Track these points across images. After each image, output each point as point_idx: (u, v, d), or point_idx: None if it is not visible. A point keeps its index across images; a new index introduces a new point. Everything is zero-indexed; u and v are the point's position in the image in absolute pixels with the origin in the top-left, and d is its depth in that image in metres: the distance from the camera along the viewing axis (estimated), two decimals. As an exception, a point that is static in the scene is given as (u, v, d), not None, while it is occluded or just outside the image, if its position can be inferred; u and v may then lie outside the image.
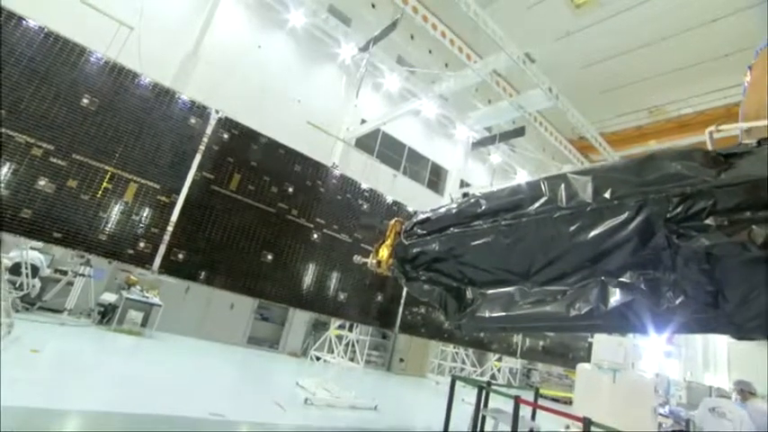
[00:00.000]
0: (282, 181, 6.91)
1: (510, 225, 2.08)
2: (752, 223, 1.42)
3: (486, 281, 2.24)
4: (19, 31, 5.06)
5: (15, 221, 4.81)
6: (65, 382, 5.44)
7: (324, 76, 15.73)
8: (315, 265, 7.19)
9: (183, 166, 5.93)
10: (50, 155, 5.08)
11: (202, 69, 12.40)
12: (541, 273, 2.04)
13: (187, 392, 6.38)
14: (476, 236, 2.21)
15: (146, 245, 5.57)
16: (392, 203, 8.72)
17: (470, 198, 2.38)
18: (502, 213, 2.14)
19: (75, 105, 5.28)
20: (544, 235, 1.98)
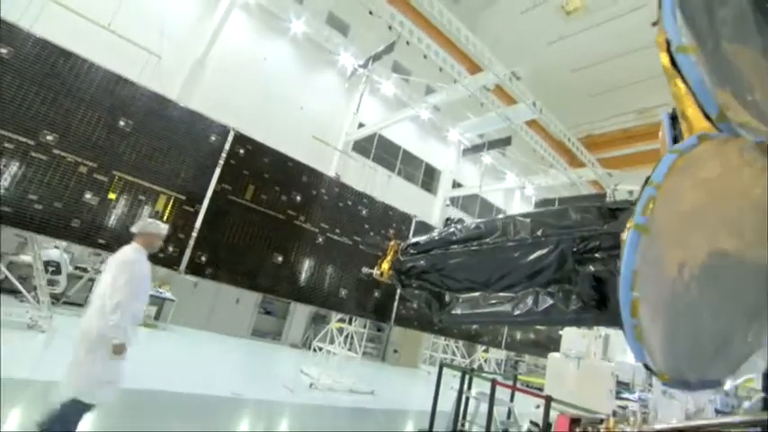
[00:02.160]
0: (291, 190, 7.70)
1: (476, 249, 2.91)
2: (619, 258, 2.26)
3: (459, 288, 3.08)
4: (69, 64, 5.80)
5: (68, 230, 5.58)
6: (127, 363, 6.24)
7: (323, 82, 16.45)
8: (319, 264, 8.00)
9: (205, 179, 6.70)
10: (94, 172, 5.83)
11: (210, 77, 13.09)
12: (497, 284, 2.86)
13: (209, 376, 7.20)
14: (452, 256, 3.04)
15: (174, 249, 6.35)
16: (387, 208, 9.53)
17: (449, 227, 3.21)
18: (470, 241, 2.96)
19: (113, 127, 6.02)
20: (499, 258, 2.80)
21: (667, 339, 1.24)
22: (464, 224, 3.16)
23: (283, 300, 8.61)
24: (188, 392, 5.71)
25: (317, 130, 15.20)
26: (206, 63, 13.02)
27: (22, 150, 5.39)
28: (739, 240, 1.35)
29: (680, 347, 1.28)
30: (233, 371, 8.31)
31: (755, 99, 1.54)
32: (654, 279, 1.21)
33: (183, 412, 5.26)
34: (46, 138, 5.55)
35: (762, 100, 1.56)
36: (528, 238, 2.69)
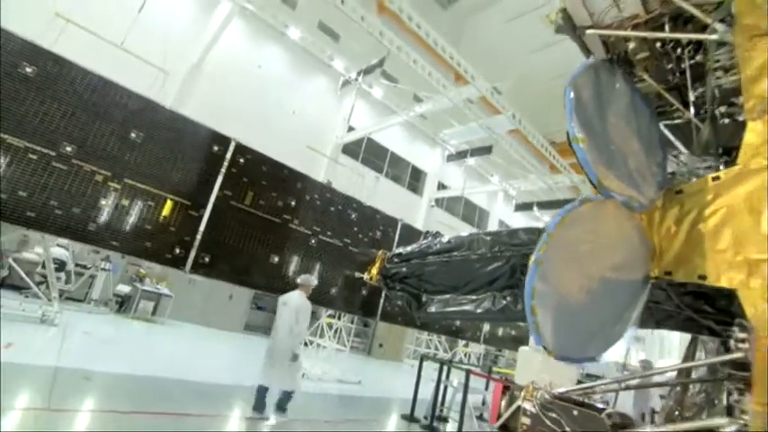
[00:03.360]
0: (286, 196, 8.31)
1: (447, 260, 3.61)
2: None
3: (433, 291, 3.78)
4: (86, 81, 6.32)
5: (85, 233, 6.12)
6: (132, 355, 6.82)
7: (316, 87, 17.01)
8: (312, 264, 8.64)
9: (208, 186, 7.27)
10: (108, 180, 6.37)
11: (206, 81, 13.55)
12: (463, 288, 3.57)
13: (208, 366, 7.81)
14: (428, 265, 3.74)
15: (180, 250, 6.92)
16: (374, 212, 10.20)
17: (427, 241, 3.91)
18: (443, 253, 3.67)
19: (126, 139, 6.55)
20: (465, 267, 3.51)
21: (555, 331, 1.95)
22: (438, 239, 3.88)
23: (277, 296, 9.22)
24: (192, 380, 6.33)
25: (309, 133, 15.77)
26: (202, 68, 13.47)
27: (44, 161, 5.92)
28: (603, 266, 2.07)
29: (563, 336, 1.99)
30: (229, 361, 8.93)
31: (626, 170, 2.26)
32: (545, 292, 1.91)
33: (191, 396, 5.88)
34: (66, 149, 6.07)
35: (630, 170, 2.29)
36: (487, 252, 3.40)
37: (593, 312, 2.09)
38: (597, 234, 2.11)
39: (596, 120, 2.26)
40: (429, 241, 3.99)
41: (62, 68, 6.30)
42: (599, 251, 2.11)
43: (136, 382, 5.71)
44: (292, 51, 16.11)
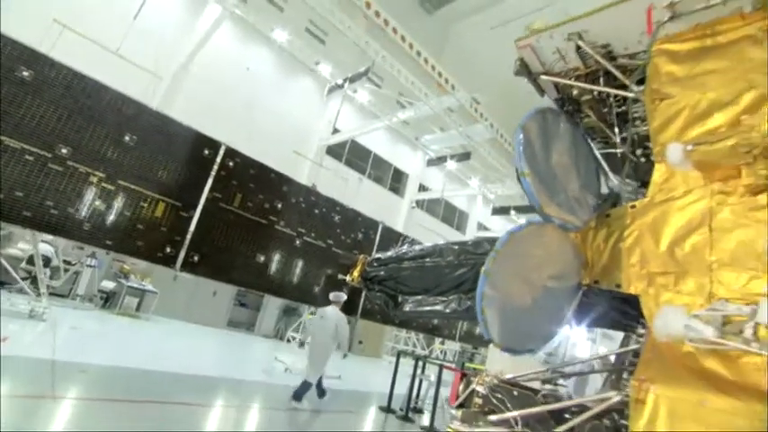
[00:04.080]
0: (273, 198, 8.65)
1: (420, 265, 4.09)
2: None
3: (408, 292, 4.25)
4: (81, 85, 6.55)
5: (80, 232, 6.36)
6: (122, 349, 7.07)
7: (301, 89, 17.28)
8: (296, 264, 9.01)
9: (198, 188, 7.56)
10: (102, 181, 6.62)
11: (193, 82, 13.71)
12: (434, 290, 4.04)
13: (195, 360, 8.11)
14: (404, 269, 4.21)
15: (170, 249, 7.20)
16: (357, 215, 10.62)
17: (404, 247, 4.38)
18: (417, 259, 4.14)
19: (120, 142, 6.81)
20: (436, 272, 3.98)
21: (501, 328, 2.43)
22: (413, 246, 4.35)
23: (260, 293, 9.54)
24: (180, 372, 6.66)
25: (294, 134, 16.07)
26: (190, 68, 13.62)
27: (41, 162, 6.14)
28: (543, 276, 2.57)
29: (508, 332, 2.47)
30: (215, 356, 9.23)
31: (564, 198, 2.76)
32: (493, 297, 2.39)
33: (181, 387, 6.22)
34: (61, 151, 6.30)
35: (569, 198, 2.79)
36: (455, 260, 3.88)
37: (533, 313, 2.59)
38: (538, 250, 2.60)
39: (541, 156, 2.75)
40: (405, 248, 4.46)
41: (58, 72, 6.52)
42: (539, 264, 2.61)
43: (129, 374, 6.02)
44: (279, 53, 16.36)
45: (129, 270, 12.42)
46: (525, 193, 2.60)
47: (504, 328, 2.45)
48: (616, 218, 2.81)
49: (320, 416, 6.97)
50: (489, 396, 2.60)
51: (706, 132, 2.28)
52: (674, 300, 2.28)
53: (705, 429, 1.75)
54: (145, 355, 7.45)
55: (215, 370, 7.65)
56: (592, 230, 2.91)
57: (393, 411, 8.00)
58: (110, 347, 7.33)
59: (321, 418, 6.82)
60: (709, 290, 2.15)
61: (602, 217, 2.91)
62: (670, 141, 2.43)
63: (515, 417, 2.37)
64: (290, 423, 6.09)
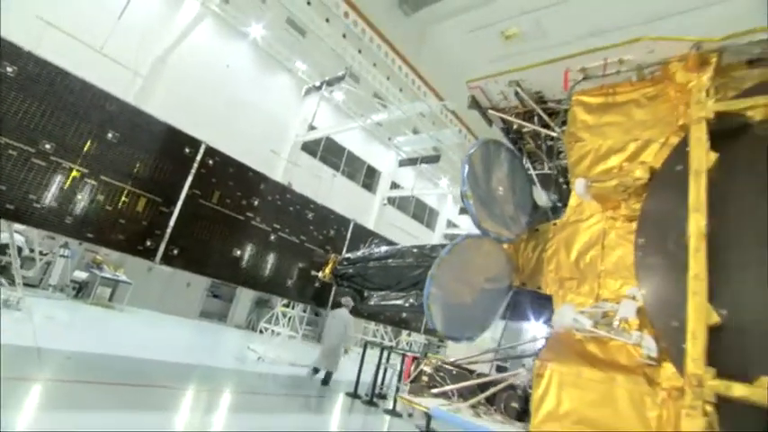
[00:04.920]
0: (250, 196, 9.02)
1: (384, 265, 4.66)
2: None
3: (373, 288, 4.82)
4: (65, 82, 6.73)
5: (62, 225, 6.59)
6: (100, 338, 7.31)
7: (278, 85, 17.49)
8: (271, 258, 9.43)
9: (179, 185, 7.85)
10: (85, 177, 6.84)
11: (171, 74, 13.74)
12: (395, 287, 4.63)
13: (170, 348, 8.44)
14: (370, 268, 4.78)
15: (151, 243, 7.49)
16: (329, 212, 11.11)
17: (371, 250, 4.95)
18: (382, 259, 4.72)
19: (103, 139, 7.03)
20: (397, 271, 4.56)
21: (443, 320, 3.02)
22: (379, 248, 4.92)
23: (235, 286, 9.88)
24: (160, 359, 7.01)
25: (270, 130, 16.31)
26: (168, 61, 13.65)
27: (24, 157, 6.33)
28: (480, 279, 3.18)
29: (449, 323, 3.07)
30: (190, 345, 9.56)
31: (500, 216, 3.38)
32: (437, 295, 2.98)
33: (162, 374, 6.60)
34: (45, 146, 6.50)
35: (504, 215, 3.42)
36: (414, 262, 4.47)
37: (471, 308, 3.21)
38: (476, 258, 3.21)
39: (483, 181, 3.36)
40: (372, 249, 5.03)
41: (42, 69, 6.67)
42: (477, 269, 3.22)
43: (111, 361, 6.34)
44: (257, 48, 16.49)
45: (101, 260, 12.46)
46: (468, 211, 3.21)
47: (446, 320, 3.05)
48: (542, 232, 3.46)
49: (292, 399, 7.48)
50: (434, 374, 3.21)
51: (602, 172, 2.93)
52: (574, 299, 2.94)
53: (579, 391, 2.40)
54: (123, 344, 7.74)
55: (191, 358, 8.02)
56: (523, 242, 3.55)
57: (359, 397, 8.59)
58: (88, 336, 7.59)
59: (292, 402, 7.33)
60: (597, 292, 2.82)
61: (532, 231, 3.55)
62: (579, 176, 3.09)
63: (452, 389, 2.98)
64: (262, 406, 6.58)
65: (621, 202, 2.78)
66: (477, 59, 23.80)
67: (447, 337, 3.09)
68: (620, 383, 2.33)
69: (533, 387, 2.59)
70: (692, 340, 1.96)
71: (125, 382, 5.44)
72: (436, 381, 3.17)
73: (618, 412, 2.28)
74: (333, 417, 7.03)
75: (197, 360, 7.87)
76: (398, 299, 4.67)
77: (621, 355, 2.48)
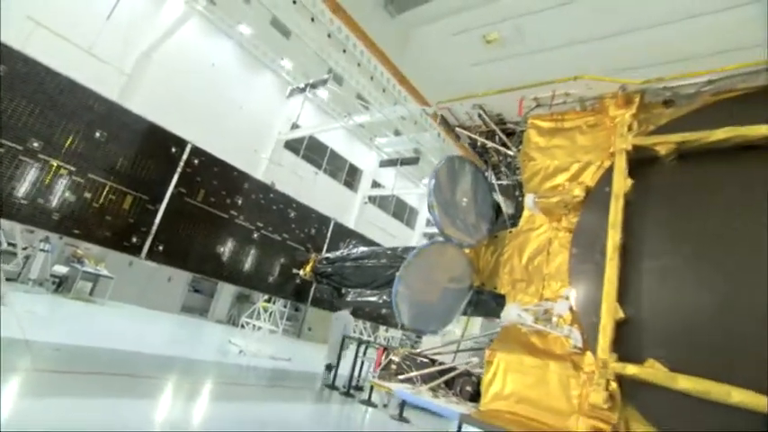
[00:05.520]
0: (234, 194, 9.27)
1: (360, 265, 5.05)
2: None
3: (350, 285, 5.21)
4: (54, 81, 6.85)
5: (50, 221, 6.73)
6: (81, 330, 7.46)
7: (262, 83, 17.62)
8: (254, 255, 9.69)
9: (165, 183, 8.04)
10: (73, 174, 6.99)
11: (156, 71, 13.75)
12: (370, 285, 5.01)
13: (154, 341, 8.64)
14: (348, 267, 5.15)
15: (137, 239, 7.68)
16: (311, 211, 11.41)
17: (349, 250, 5.33)
18: (358, 259, 5.10)
19: (90, 138, 7.18)
20: (372, 271, 4.95)
21: (410, 315, 3.43)
22: (356, 249, 5.31)
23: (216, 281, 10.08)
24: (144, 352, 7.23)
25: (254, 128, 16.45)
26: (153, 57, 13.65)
27: (11, 155, 6.45)
28: (443, 279, 3.60)
29: (415, 318, 3.48)
30: (172, 339, 9.74)
31: (463, 224, 3.80)
32: (404, 293, 3.38)
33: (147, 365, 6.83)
34: (33, 144, 6.63)
35: (467, 223, 3.83)
36: (387, 262, 4.87)
37: (435, 305, 3.62)
38: (440, 261, 3.62)
39: (448, 193, 3.77)
40: (350, 249, 5.41)
41: (31, 68, 6.77)
42: (441, 271, 3.63)
43: (98, 352, 6.55)
44: (241, 46, 16.58)
45: (82, 255, 12.45)
46: (433, 220, 3.62)
47: (412, 315, 3.46)
48: (500, 239, 3.89)
49: (272, 390, 7.81)
50: (401, 363, 3.61)
51: (549, 188, 3.38)
52: (523, 298, 3.38)
53: (521, 375, 2.84)
54: (107, 337, 7.92)
55: (174, 350, 8.24)
56: (484, 247, 3.98)
57: (337, 388, 8.96)
58: (73, 329, 7.73)
59: (272, 393, 7.66)
60: (541, 292, 3.26)
61: (491, 237, 3.98)
62: (531, 191, 3.53)
63: (416, 375, 3.39)
64: (243, 396, 6.88)
65: (563, 215, 3.22)
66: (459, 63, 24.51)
67: (413, 330, 3.50)
68: (552, 369, 2.78)
69: (484, 373, 3.03)
70: (602, 332, 2.41)
71: (113, 372, 5.68)
72: (403, 369, 3.58)
73: (549, 392, 2.72)
74: (311, 407, 7.38)
75: (180, 353, 8.10)
76: (373, 296, 5.08)
77: (556, 346, 2.93)
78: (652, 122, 3.06)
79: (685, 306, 2.35)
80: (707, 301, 2.30)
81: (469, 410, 2.88)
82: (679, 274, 2.44)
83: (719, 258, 2.37)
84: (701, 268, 2.39)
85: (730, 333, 2.18)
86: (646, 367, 2.24)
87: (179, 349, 8.62)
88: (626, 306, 2.49)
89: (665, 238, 2.57)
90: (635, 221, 2.70)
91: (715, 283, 2.31)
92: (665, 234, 2.59)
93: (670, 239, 2.55)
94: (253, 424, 5.27)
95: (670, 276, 2.46)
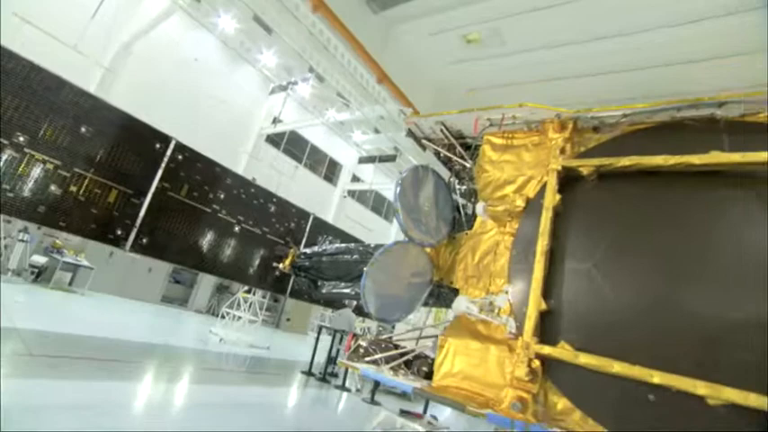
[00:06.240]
0: (217, 189, 9.53)
1: (335, 260, 5.50)
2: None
3: (326, 278, 5.65)
4: (39, 77, 6.98)
5: (35, 213, 6.90)
6: (65, 319, 7.66)
7: (243, 77, 17.69)
8: (236, 247, 10.00)
9: (149, 178, 8.26)
10: (58, 168, 7.15)
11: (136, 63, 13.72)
12: (344, 278, 5.47)
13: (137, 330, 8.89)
14: (323, 262, 5.59)
15: (121, 232, 7.90)
16: (290, 206, 11.76)
17: (325, 246, 5.76)
18: (333, 255, 5.55)
19: (76, 133, 7.34)
20: (346, 265, 5.41)
21: (375, 305, 3.89)
22: (332, 245, 5.74)
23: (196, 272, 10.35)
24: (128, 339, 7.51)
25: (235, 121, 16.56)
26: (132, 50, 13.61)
27: None
28: (406, 274, 4.08)
29: (380, 308, 3.95)
30: (154, 327, 9.98)
31: (424, 225, 4.28)
32: (371, 287, 3.85)
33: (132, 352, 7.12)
34: (18, 139, 6.76)
35: (428, 226, 4.32)
36: (360, 257, 5.31)
37: (399, 297, 4.10)
38: (404, 259, 4.10)
39: (411, 198, 4.23)
40: (326, 245, 5.84)
41: (16, 65, 6.87)
42: (404, 267, 4.11)
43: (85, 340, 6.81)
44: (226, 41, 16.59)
45: (61, 245, 12.46)
46: (398, 222, 4.08)
47: (378, 306, 3.93)
48: (458, 240, 4.38)
49: (253, 376, 8.20)
50: (368, 347, 4.08)
51: (498, 198, 3.88)
52: (473, 292, 3.88)
53: (467, 357, 3.35)
54: (91, 325, 8.14)
55: (156, 338, 8.52)
56: (443, 246, 4.47)
57: (313, 375, 9.42)
58: (57, 318, 7.92)
59: (252, 378, 8.05)
60: (488, 287, 3.77)
61: (451, 238, 4.48)
62: (483, 199, 4.03)
63: (380, 358, 3.88)
64: (224, 380, 7.26)
65: (507, 222, 3.74)
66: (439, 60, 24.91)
67: (379, 319, 3.96)
68: (492, 352, 3.29)
69: (437, 355, 3.53)
70: (528, 320, 2.94)
71: (103, 357, 5.98)
72: (369, 352, 4.05)
73: (489, 370, 3.24)
74: (289, 390, 7.81)
75: (163, 341, 8.39)
76: (347, 288, 5.53)
77: (497, 333, 3.45)
78: (583, 145, 3.58)
79: (591, 299, 2.89)
80: (608, 294, 2.84)
81: (423, 386, 3.38)
82: (590, 273, 2.98)
83: (621, 261, 2.92)
84: (606, 269, 2.94)
85: (622, 320, 2.73)
86: (558, 348, 2.78)
87: (162, 337, 8.89)
88: (548, 299, 3.02)
89: (582, 244, 3.11)
90: (560, 230, 3.23)
91: (615, 281, 2.86)
92: (583, 241, 3.12)
93: (585, 246, 3.09)
94: (234, 404, 5.67)
95: (583, 275, 3.00)
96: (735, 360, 2.39)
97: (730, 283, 2.57)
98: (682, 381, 2.35)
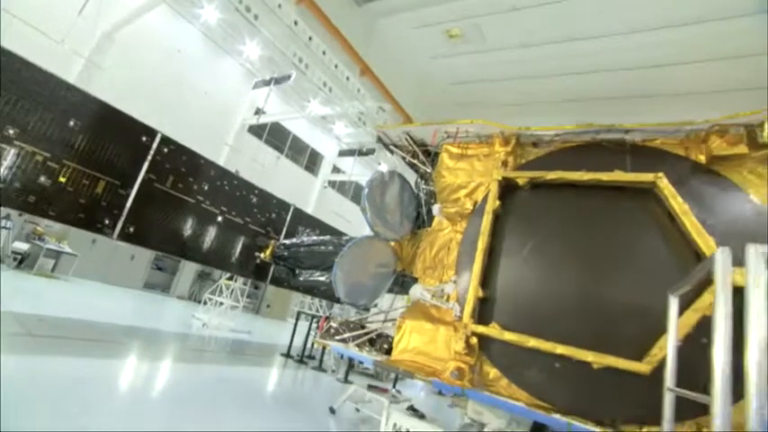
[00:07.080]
0: (201, 181, 9.85)
1: (312, 251, 6.02)
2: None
3: (304, 267, 6.17)
4: (29, 72, 7.16)
5: (25, 203, 7.14)
6: (53, 303, 7.94)
7: (226, 68, 17.74)
8: (219, 236, 10.36)
9: (136, 170, 8.53)
10: (48, 160, 7.38)
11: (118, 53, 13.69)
12: (320, 267, 5.97)
13: (122, 314, 9.23)
14: (302, 252, 6.11)
15: (109, 221, 8.19)
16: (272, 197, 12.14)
17: (303, 238, 6.27)
18: (311, 246, 6.07)
19: (65, 126, 7.56)
20: (322, 256, 5.93)
21: (345, 291, 4.44)
22: (309, 237, 6.25)
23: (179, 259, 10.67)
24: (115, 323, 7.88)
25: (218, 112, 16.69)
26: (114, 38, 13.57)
27: (-10, 140, 6.79)
28: (372, 265, 4.64)
29: (349, 293, 4.50)
30: (138, 312, 10.31)
31: (390, 222, 4.84)
32: (340, 276, 4.39)
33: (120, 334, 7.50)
34: (8, 132, 6.97)
35: (393, 222, 4.87)
36: (334, 249, 5.81)
37: (365, 284, 4.66)
38: (370, 251, 4.65)
39: (378, 198, 4.77)
40: (303, 237, 6.35)
41: (7, 61, 7.02)
42: (371, 258, 4.66)
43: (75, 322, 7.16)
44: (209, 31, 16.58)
45: (42, 232, 12.54)
46: (365, 220, 4.62)
47: (347, 292, 4.48)
48: (419, 235, 4.95)
49: (235, 357, 8.69)
50: (339, 327, 4.64)
51: (452, 201, 4.45)
52: (429, 282, 4.47)
53: (420, 336, 3.94)
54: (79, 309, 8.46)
55: (141, 322, 8.89)
56: (406, 241, 5.04)
57: (292, 357, 9.95)
58: (44, 302, 8.19)
59: (233, 359, 8.53)
60: (442, 278, 4.36)
61: (413, 234, 5.05)
62: (440, 201, 4.60)
63: (349, 336, 4.44)
64: (207, 360, 7.73)
65: (458, 221, 4.32)
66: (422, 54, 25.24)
67: (348, 304, 4.51)
68: (441, 331, 3.89)
69: (395, 334, 4.11)
70: (467, 305, 3.53)
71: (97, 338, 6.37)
72: (339, 331, 4.61)
73: (437, 347, 3.84)
74: (269, 370, 8.33)
75: (148, 325, 8.77)
76: (321, 276, 6.05)
77: (447, 316, 4.05)
78: (524, 157, 4.18)
79: (518, 287, 3.51)
80: (531, 284, 3.46)
81: (382, 359, 3.97)
82: (518, 267, 3.59)
83: (543, 257, 3.54)
84: (531, 263, 3.55)
85: (539, 304, 3.36)
86: (489, 327, 3.39)
87: (147, 322, 9.26)
88: (485, 288, 3.62)
89: (515, 243, 3.71)
90: (498, 230, 3.82)
91: (537, 273, 3.48)
92: (515, 240, 3.72)
93: (517, 244, 3.69)
94: (218, 379, 6.18)
95: (513, 269, 3.61)
96: (619, 334, 3.04)
97: (623, 276, 3.22)
98: (576, 351, 2.98)
